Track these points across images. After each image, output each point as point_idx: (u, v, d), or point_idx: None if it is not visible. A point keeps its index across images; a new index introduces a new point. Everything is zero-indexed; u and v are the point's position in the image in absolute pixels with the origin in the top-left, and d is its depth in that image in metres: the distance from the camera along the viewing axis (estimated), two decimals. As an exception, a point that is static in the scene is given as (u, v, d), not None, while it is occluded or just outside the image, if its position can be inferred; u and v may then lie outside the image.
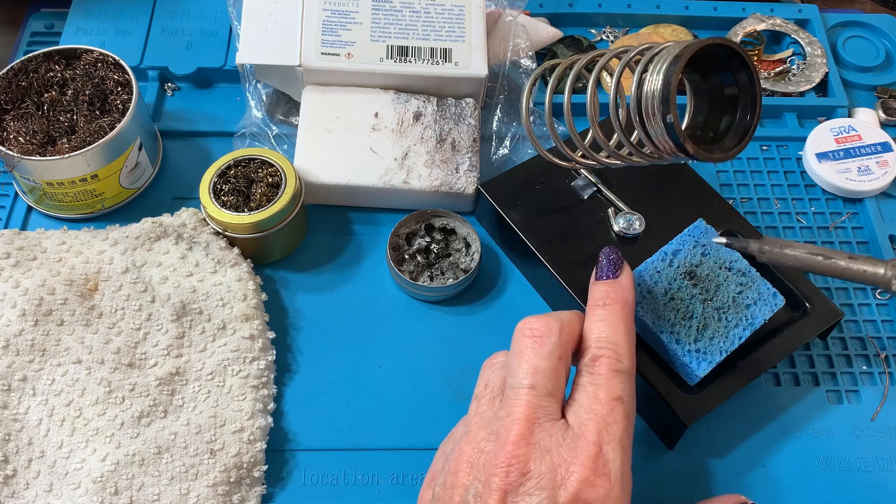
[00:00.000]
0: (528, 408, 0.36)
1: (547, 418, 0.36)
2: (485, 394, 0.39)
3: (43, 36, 0.65)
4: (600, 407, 0.36)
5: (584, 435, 0.35)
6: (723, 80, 0.42)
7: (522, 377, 0.37)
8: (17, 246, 0.50)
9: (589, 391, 0.37)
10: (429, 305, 0.52)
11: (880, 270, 0.38)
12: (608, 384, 0.37)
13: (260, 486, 0.45)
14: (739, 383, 0.45)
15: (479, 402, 0.38)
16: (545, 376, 0.37)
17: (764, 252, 0.42)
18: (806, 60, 0.65)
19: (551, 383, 0.37)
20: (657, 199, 0.52)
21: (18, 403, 0.45)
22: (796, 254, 0.40)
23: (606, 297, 0.40)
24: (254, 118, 0.58)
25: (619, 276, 0.41)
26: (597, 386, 0.37)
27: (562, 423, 0.36)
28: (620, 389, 0.37)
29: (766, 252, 0.42)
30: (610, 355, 0.37)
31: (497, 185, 0.53)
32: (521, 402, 0.36)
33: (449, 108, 0.56)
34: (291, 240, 0.53)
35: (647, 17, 0.68)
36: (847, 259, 0.39)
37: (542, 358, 0.37)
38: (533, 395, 0.36)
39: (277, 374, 0.49)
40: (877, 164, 0.58)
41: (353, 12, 0.56)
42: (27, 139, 0.51)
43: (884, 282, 0.38)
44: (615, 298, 0.40)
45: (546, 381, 0.36)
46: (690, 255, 0.46)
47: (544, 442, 0.35)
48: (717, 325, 0.45)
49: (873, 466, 0.47)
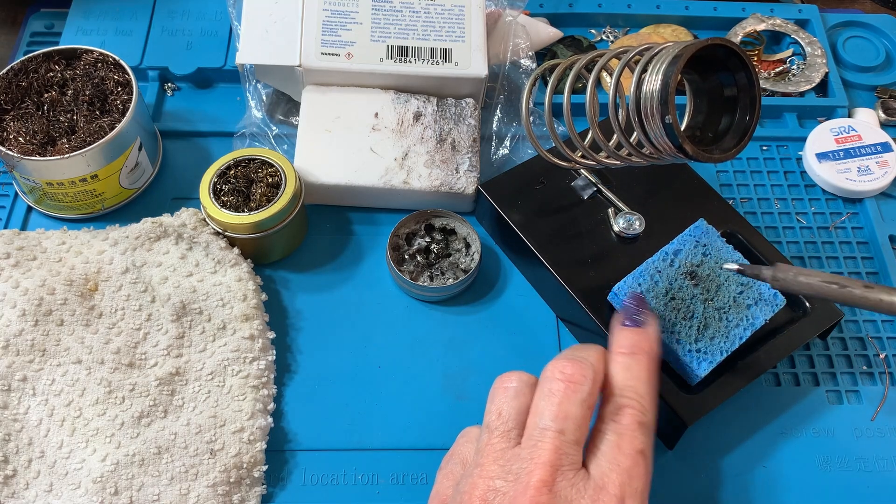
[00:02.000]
0: (553, 453, 0.35)
1: (570, 466, 0.35)
2: (498, 425, 0.37)
3: (43, 36, 0.65)
4: (624, 459, 0.35)
5: (606, 487, 0.35)
6: (722, 80, 0.42)
7: (551, 420, 0.36)
8: (17, 246, 0.50)
9: (612, 441, 0.36)
10: (429, 305, 0.52)
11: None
12: (632, 436, 0.36)
13: (260, 486, 0.45)
14: (739, 383, 0.45)
15: (491, 434, 0.37)
16: (574, 423, 0.36)
17: (777, 280, 0.41)
18: (806, 60, 0.65)
19: (579, 431, 0.36)
20: (657, 199, 0.52)
21: (18, 403, 0.45)
22: (811, 282, 0.39)
23: (633, 346, 0.39)
24: (254, 118, 0.58)
25: (647, 327, 0.40)
26: (621, 436, 0.36)
27: (583, 473, 0.35)
28: (643, 442, 0.36)
29: (780, 280, 0.41)
30: (635, 406, 0.37)
31: (497, 185, 0.53)
32: (547, 446, 0.35)
33: (449, 108, 0.56)
34: (291, 240, 0.53)
35: (647, 17, 0.68)
36: (863, 288, 0.38)
37: (574, 405, 0.36)
38: (560, 440, 0.35)
39: (277, 374, 0.49)
40: (877, 165, 0.58)
41: (353, 12, 0.56)
42: (27, 139, 0.51)
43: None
44: (642, 349, 0.39)
45: (574, 429, 0.36)
46: (691, 255, 0.46)
47: (565, 491, 0.34)
48: (717, 325, 0.45)
49: (873, 466, 0.47)
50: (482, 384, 0.49)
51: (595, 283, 0.48)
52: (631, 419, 0.36)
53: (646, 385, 0.38)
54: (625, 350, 0.39)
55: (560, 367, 0.38)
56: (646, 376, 0.38)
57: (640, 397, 0.37)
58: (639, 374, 0.38)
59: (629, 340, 0.40)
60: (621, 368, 0.38)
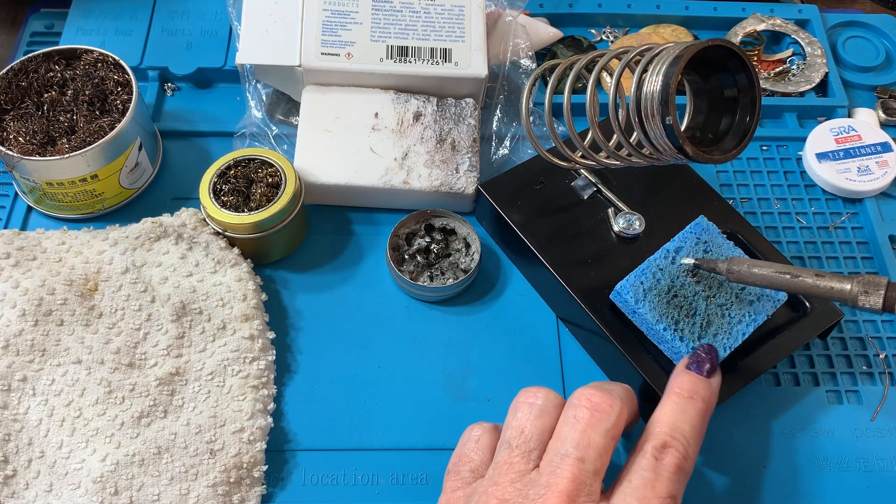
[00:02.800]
0: (571, 482, 0.34)
1: (588, 497, 0.35)
2: (520, 443, 0.37)
3: (43, 36, 0.65)
4: (654, 500, 0.35)
5: None
6: (722, 81, 0.42)
7: (573, 447, 0.35)
8: (17, 246, 0.50)
9: (647, 478, 0.35)
10: (429, 305, 0.52)
11: (847, 286, 0.38)
12: (668, 479, 0.35)
13: (260, 486, 0.45)
14: (739, 383, 0.45)
15: (511, 452, 0.37)
16: (596, 452, 0.35)
17: (732, 272, 0.42)
18: (806, 60, 0.65)
19: (600, 461, 0.36)
20: (657, 199, 0.52)
21: (18, 403, 0.45)
22: (764, 272, 0.40)
23: (695, 391, 0.39)
24: (254, 118, 0.58)
25: (712, 380, 0.40)
26: (657, 475, 0.35)
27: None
28: (677, 489, 0.36)
29: (735, 272, 0.42)
30: (681, 450, 0.36)
31: (497, 185, 0.53)
32: (566, 474, 0.35)
33: (449, 108, 0.56)
34: (291, 240, 0.53)
35: (647, 18, 0.67)
36: (814, 276, 0.38)
37: (598, 434, 0.36)
38: (580, 468, 0.35)
39: (277, 374, 0.49)
40: (877, 164, 0.58)
41: (353, 12, 0.56)
42: (27, 139, 0.51)
43: (850, 298, 0.37)
44: (703, 397, 0.39)
45: (596, 458, 0.35)
46: (693, 251, 0.46)
47: None
48: (720, 322, 0.45)
49: (873, 466, 0.47)
50: (482, 384, 0.49)
51: (595, 283, 0.48)
52: (673, 461, 0.36)
53: (695, 431, 0.37)
54: (684, 392, 0.39)
55: (588, 394, 0.37)
56: (697, 423, 0.38)
57: (686, 442, 0.37)
58: (692, 419, 0.38)
59: (690, 384, 0.39)
60: (675, 409, 0.38)
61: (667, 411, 0.38)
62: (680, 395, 0.39)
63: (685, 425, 0.37)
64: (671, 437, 0.37)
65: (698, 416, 0.38)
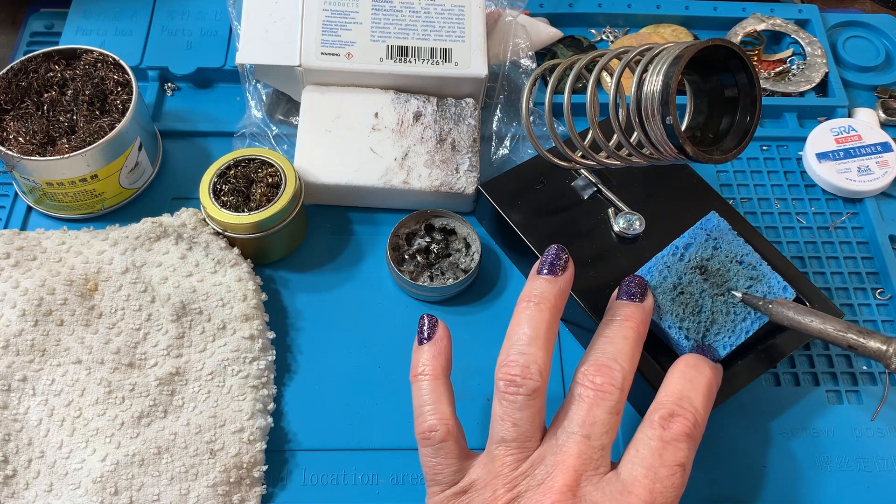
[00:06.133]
0: (578, 458, 0.35)
1: (595, 472, 0.35)
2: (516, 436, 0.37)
3: (43, 36, 0.65)
4: (663, 469, 0.35)
5: (633, 491, 0.34)
6: (723, 81, 0.42)
7: (578, 426, 0.36)
8: (16, 246, 0.50)
9: (654, 447, 0.36)
10: (429, 305, 0.52)
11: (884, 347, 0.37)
12: (676, 447, 0.36)
13: (260, 486, 0.45)
14: (740, 383, 0.45)
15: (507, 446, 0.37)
16: (602, 428, 0.36)
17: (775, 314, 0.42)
18: (806, 60, 0.65)
19: (606, 437, 0.36)
20: (657, 199, 0.52)
21: (18, 403, 0.45)
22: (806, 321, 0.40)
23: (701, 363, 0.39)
24: (254, 118, 0.58)
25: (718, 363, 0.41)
26: (665, 444, 0.36)
27: (611, 476, 0.35)
28: (685, 456, 0.36)
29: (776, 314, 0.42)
30: (689, 418, 0.36)
31: (497, 185, 0.53)
32: (573, 450, 0.35)
33: (449, 108, 0.56)
34: (291, 240, 0.53)
35: (647, 17, 0.68)
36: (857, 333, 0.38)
37: (602, 411, 0.36)
38: (586, 444, 0.35)
39: (277, 374, 0.49)
40: (877, 164, 0.58)
41: (353, 12, 0.56)
42: (27, 139, 0.51)
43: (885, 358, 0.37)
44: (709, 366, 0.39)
45: (601, 434, 0.36)
46: (702, 248, 0.46)
47: (591, 495, 0.34)
48: (725, 320, 0.44)
49: (873, 466, 0.47)
50: (482, 384, 0.49)
51: (595, 283, 0.48)
52: (681, 429, 0.36)
53: (704, 400, 0.37)
54: (692, 363, 0.39)
55: (591, 374, 0.37)
56: (706, 392, 0.38)
57: (695, 410, 0.37)
58: (700, 387, 0.38)
59: (696, 357, 0.40)
60: (683, 378, 0.38)
61: (673, 381, 0.38)
62: (688, 365, 0.39)
63: (692, 392, 0.37)
64: (678, 405, 0.37)
65: (706, 384, 0.38)
